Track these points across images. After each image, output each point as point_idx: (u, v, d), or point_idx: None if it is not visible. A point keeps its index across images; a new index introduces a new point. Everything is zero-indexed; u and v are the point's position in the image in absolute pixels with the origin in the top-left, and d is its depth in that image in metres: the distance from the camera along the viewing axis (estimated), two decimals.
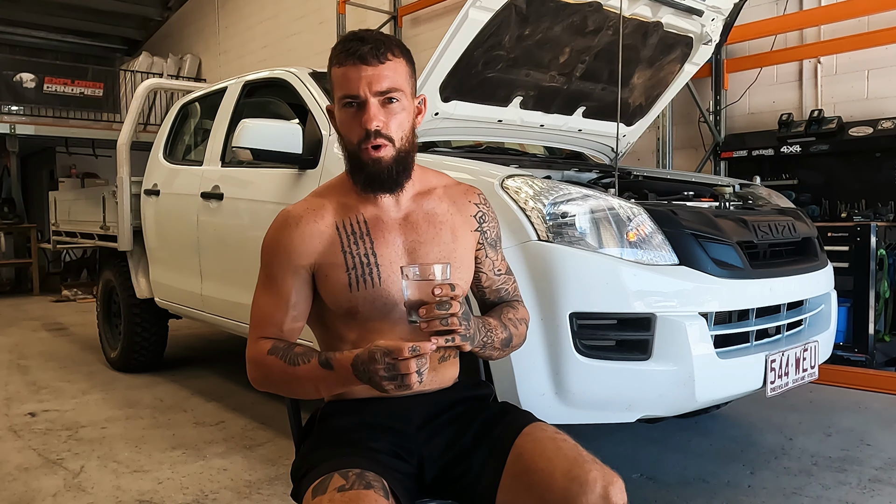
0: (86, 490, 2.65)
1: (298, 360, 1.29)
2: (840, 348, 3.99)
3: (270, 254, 1.38)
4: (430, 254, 1.38)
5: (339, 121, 1.35)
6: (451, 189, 1.48)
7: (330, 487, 1.19)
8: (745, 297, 2.24)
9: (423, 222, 1.40)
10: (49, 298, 9.11)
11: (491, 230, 1.50)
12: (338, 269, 1.34)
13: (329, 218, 1.37)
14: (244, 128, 2.74)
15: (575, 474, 1.22)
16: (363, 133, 1.30)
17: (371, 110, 1.29)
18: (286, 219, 1.38)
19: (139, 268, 4.40)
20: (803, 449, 2.94)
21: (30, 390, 4.20)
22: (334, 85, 1.33)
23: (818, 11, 4.71)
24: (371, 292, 1.33)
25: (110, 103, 11.23)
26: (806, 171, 4.75)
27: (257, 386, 1.38)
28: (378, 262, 1.34)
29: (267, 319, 1.37)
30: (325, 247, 1.35)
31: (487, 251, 1.49)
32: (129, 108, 4.67)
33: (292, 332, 1.38)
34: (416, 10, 7.44)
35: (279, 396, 1.53)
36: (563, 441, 1.30)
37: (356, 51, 1.29)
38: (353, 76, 1.29)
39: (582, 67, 3.02)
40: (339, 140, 1.38)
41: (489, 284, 1.51)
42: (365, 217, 1.37)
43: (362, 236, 1.36)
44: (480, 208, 1.49)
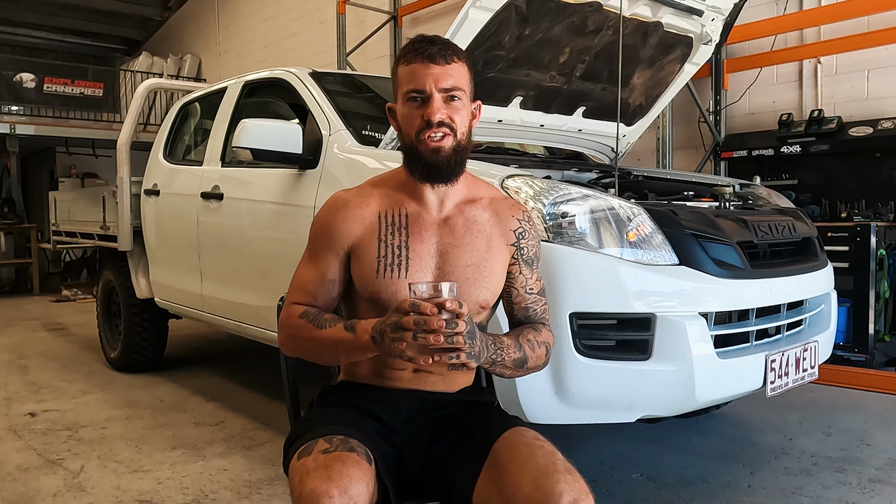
0: (86, 490, 2.65)
1: (325, 325, 1.37)
2: (840, 348, 3.99)
3: (316, 231, 1.48)
4: (460, 258, 1.42)
5: (402, 115, 1.41)
6: (497, 202, 1.51)
7: (315, 450, 1.25)
8: (745, 297, 2.24)
9: (461, 227, 1.44)
10: (49, 298, 9.11)
11: (529, 248, 1.51)
12: (370, 253, 1.41)
13: (374, 206, 1.45)
14: (244, 128, 2.74)
15: (541, 483, 1.20)
16: (424, 124, 1.36)
17: (435, 104, 1.36)
18: (336, 201, 1.48)
19: (139, 268, 4.40)
20: (803, 449, 2.94)
21: (30, 390, 4.20)
22: (400, 81, 1.40)
23: (818, 11, 4.71)
24: (395, 283, 1.39)
25: (110, 103, 11.23)
26: (806, 171, 4.75)
27: (285, 348, 1.47)
28: (409, 256, 1.40)
29: (303, 288, 1.46)
30: (363, 231, 1.43)
31: (522, 268, 1.50)
32: (129, 108, 4.67)
33: (324, 304, 1.45)
34: (416, 10, 7.44)
35: (279, 396, 1.55)
36: (538, 447, 1.28)
37: (425, 50, 1.37)
38: (421, 72, 1.37)
39: (582, 67, 3.02)
40: (399, 136, 1.44)
41: (519, 301, 1.51)
42: (407, 212, 1.44)
43: (400, 228, 1.42)
44: (522, 225, 1.51)
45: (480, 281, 1.42)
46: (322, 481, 1.17)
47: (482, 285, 1.42)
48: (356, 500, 1.17)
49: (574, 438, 2.91)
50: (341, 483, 1.17)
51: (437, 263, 1.41)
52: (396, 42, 7.76)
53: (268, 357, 4.72)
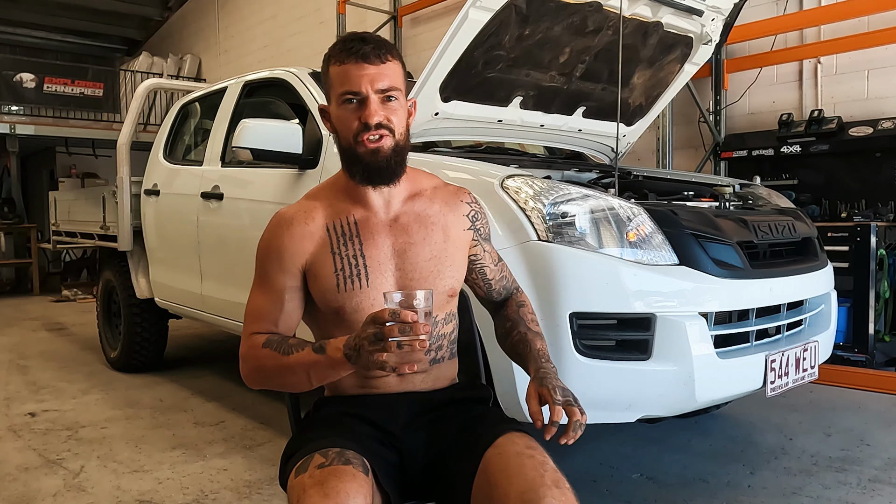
0: (86, 490, 2.65)
1: (292, 350, 1.30)
2: (840, 348, 3.99)
3: (264, 255, 1.42)
4: (419, 254, 1.40)
5: (337, 117, 1.37)
6: (441, 190, 1.50)
7: (311, 466, 1.23)
8: (745, 297, 2.24)
9: (414, 224, 1.42)
10: (49, 298, 9.11)
11: (484, 227, 1.54)
12: (326, 269, 1.37)
13: (320, 219, 1.40)
14: (244, 128, 2.75)
15: (528, 498, 1.17)
16: (362, 126, 1.33)
17: (372, 106, 1.33)
18: (279, 221, 1.42)
19: (139, 268, 4.40)
20: (803, 449, 2.94)
21: (30, 390, 4.20)
22: (333, 82, 1.36)
23: (818, 11, 4.71)
24: (358, 293, 1.36)
25: (110, 103, 11.23)
26: (806, 171, 4.75)
27: (250, 381, 1.39)
28: (367, 264, 1.37)
29: (261, 316, 1.39)
30: (315, 247, 1.38)
31: (483, 246, 1.53)
32: (129, 108, 4.67)
33: (287, 331, 1.40)
34: (416, 10, 7.44)
35: (279, 396, 1.54)
36: (528, 458, 1.26)
37: (358, 50, 1.33)
38: (355, 73, 1.33)
39: (582, 67, 3.02)
40: (335, 138, 1.41)
41: (493, 276, 1.55)
42: (355, 218, 1.40)
43: (352, 237, 1.38)
44: (472, 207, 1.52)
45: (444, 271, 1.42)
46: (319, 499, 1.16)
47: (446, 275, 1.42)
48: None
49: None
50: (337, 499, 1.16)
51: (397, 264, 1.39)
52: (396, 42, 7.76)
53: None
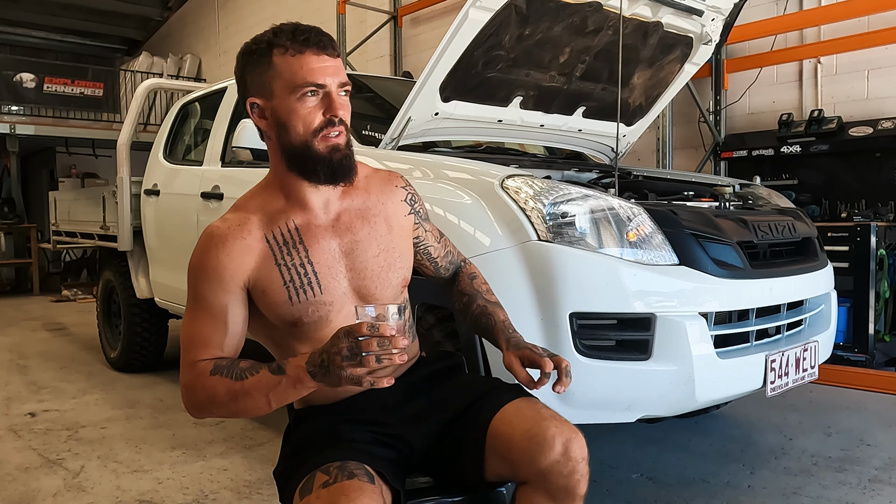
0: (86, 490, 2.65)
1: (246, 374, 1.21)
2: (840, 348, 3.99)
3: (199, 276, 1.29)
4: (367, 250, 1.35)
5: (289, 112, 1.26)
6: (373, 178, 1.44)
7: (315, 486, 1.18)
8: (745, 297, 2.24)
9: (356, 220, 1.36)
10: (49, 298, 9.11)
11: (422, 208, 1.51)
12: (274, 283, 1.28)
13: (257, 231, 1.30)
14: (244, 128, 2.74)
15: (533, 433, 1.24)
16: (325, 121, 1.26)
17: (335, 99, 1.26)
18: (210, 239, 1.30)
19: (139, 268, 4.40)
20: (803, 449, 2.94)
21: (30, 390, 4.20)
22: (283, 73, 1.26)
23: (818, 11, 4.71)
24: (313, 302, 1.29)
25: (110, 103, 11.22)
26: (806, 171, 4.75)
27: (196, 412, 1.28)
28: (316, 270, 1.30)
29: (203, 342, 1.27)
30: (257, 262, 1.28)
31: (424, 226, 1.52)
32: (129, 108, 4.67)
33: (233, 355, 1.30)
34: (416, 10, 7.43)
35: None
36: (523, 404, 1.33)
37: (317, 40, 1.26)
38: (316, 65, 1.25)
39: (582, 67, 3.02)
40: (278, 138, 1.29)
41: (437, 255, 1.56)
42: (296, 224, 1.31)
43: (295, 245, 1.30)
44: (408, 190, 1.48)
45: (394, 264, 1.38)
46: None
47: (397, 266, 1.39)
48: None
49: None
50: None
51: (347, 265, 1.33)
52: (396, 42, 7.76)
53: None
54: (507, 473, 1.30)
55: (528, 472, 1.25)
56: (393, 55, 7.75)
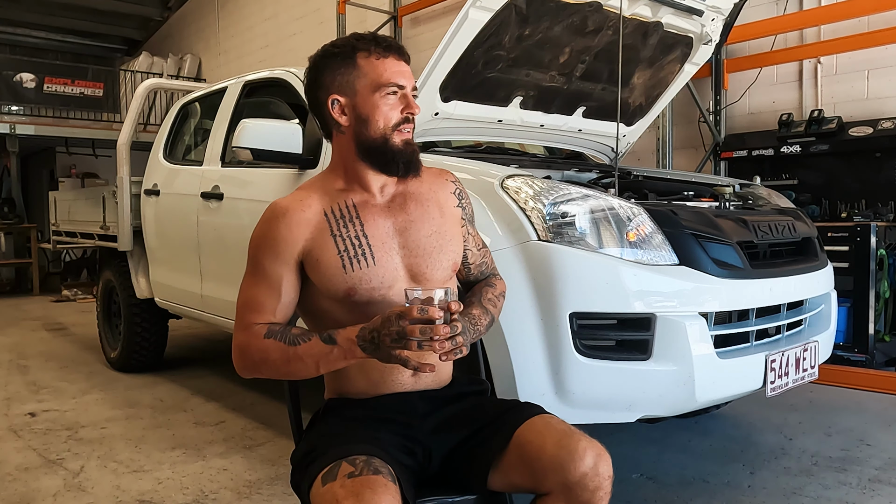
0: (86, 490, 2.65)
1: (298, 340, 1.31)
2: (840, 348, 3.99)
3: (259, 245, 1.41)
4: (421, 230, 1.43)
5: (373, 108, 1.38)
6: (426, 171, 1.51)
7: (339, 474, 1.21)
8: (745, 297, 2.24)
9: (411, 202, 1.45)
10: (49, 298, 9.11)
11: (468, 206, 1.58)
12: (329, 252, 1.37)
13: (316, 206, 1.41)
14: (244, 128, 2.74)
15: (565, 443, 1.28)
16: (402, 118, 1.39)
17: (412, 99, 1.41)
18: (273, 211, 1.41)
19: (139, 268, 4.40)
20: (803, 449, 2.94)
21: (30, 390, 4.20)
22: (368, 74, 1.39)
23: (818, 11, 4.71)
24: (366, 272, 1.37)
25: (110, 103, 11.23)
26: (806, 171, 4.75)
27: (246, 372, 1.39)
28: (370, 244, 1.38)
29: (258, 307, 1.38)
30: (313, 233, 1.38)
31: (469, 228, 1.57)
32: (129, 108, 4.67)
33: (284, 321, 1.40)
34: (416, 10, 7.44)
35: (280, 396, 1.54)
36: (552, 419, 1.38)
37: (397, 47, 1.41)
38: (397, 68, 1.39)
39: (582, 67, 3.02)
40: (357, 132, 1.40)
41: (473, 261, 1.59)
42: (354, 202, 1.42)
43: (352, 219, 1.40)
44: (457, 185, 1.57)
45: (445, 246, 1.45)
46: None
47: (448, 249, 1.46)
48: None
49: None
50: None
51: (400, 242, 1.41)
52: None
53: None
54: (527, 484, 1.32)
55: (555, 481, 1.27)
56: None
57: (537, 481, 1.30)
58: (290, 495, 2.53)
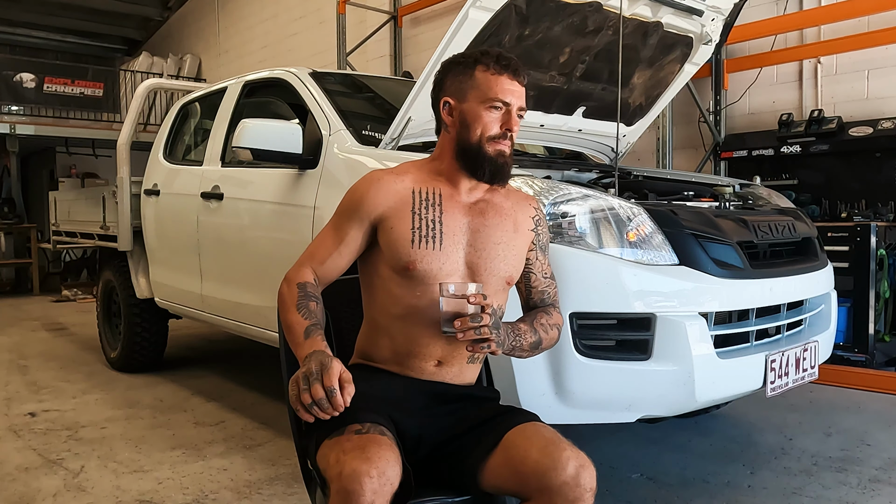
0: (86, 490, 2.65)
1: (302, 311, 1.44)
2: (840, 348, 3.99)
3: (346, 200, 1.56)
4: (491, 236, 1.54)
5: (476, 116, 1.51)
6: (513, 193, 1.65)
7: (347, 430, 1.31)
8: (745, 297, 2.24)
9: (490, 210, 1.56)
10: (49, 298, 9.11)
11: (544, 235, 1.67)
12: (403, 224, 1.49)
13: (408, 182, 1.54)
14: (244, 128, 2.74)
15: (549, 451, 1.31)
16: (500, 132, 1.50)
17: (514, 117, 1.51)
18: (371, 175, 1.57)
19: (139, 268, 4.40)
20: (803, 449, 2.94)
21: (30, 390, 4.20)
22: (481, 85, 1.50)
23: (818, 11, 4.71)
24: (431, 253, 1.48)
25: (110, 103, 11.23)
26: (806, 171, 4.75)
27: (279, 296, 1.52)
28: (443, 230, 1.50)
29: (316, 250, 1.55)
30: (396, 203, 1.51)
31: (538, 254, 1.65)
32: (129, 108, 4.67)
33: (330, 271, 1.54)
34: (416, 10, 7.44)
35: (280, 396, 1.56)
36: (543, 427, 1.42)
37: (515, 67, 1.51)
38: (508, 87, 1.50)
39: (582, 67, 3.02)
40: (455, 131, 1.53)
41: (536, 285, 1.65)
42: (441, 192, 1.54)
43: (434, 205, 1.52)
44: (538, 213, 1.66)
45: (508, 258, 1.55)
46: (361, 462, 1.22)
47: (510, 262, 1.55)
48: (392, 481, 1.23)
49: (574, 438, 2.90)
50: (379, 464, 1.22)
51: (469, 240, 1.52)
52: (396, 42, 7.77)
53: (268, 357, 4.72)
54: (512, 488, 1.36)
55: (535, 488, 1.30)
56: (393, 55, 7.76)
57: (520, 486, 1.33)
58: (290, 495, 2.53)
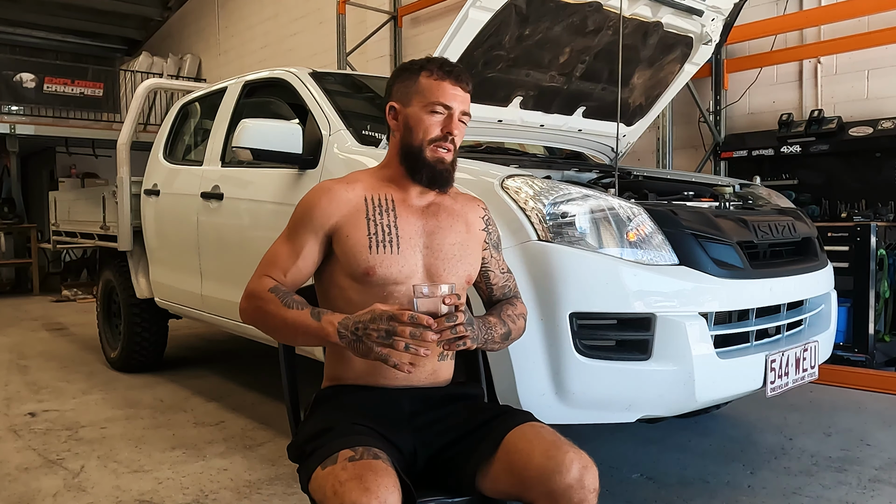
0: (86, 490, 2.65)
1: (293, 305, 1.43)
2: (840, 348, 3.99)
3: (298, 212, 1.57)
4: (446, 238, 1.55)
5: (417, 119, 1.53)
6: (460, 195, 1.68)
7: (340, 458, 1.27)
8: (745, 297, 2.24)
9: (442, 212, 1.59)
10: (49, 298, 9.11)
11: (494, 233, 1.70)
12: (359, 231, 1.50)
13: (359, 190, 1.55)
14: (244, 128, 2.74)
15: (552, 454, 1.31)
16: (440, 135, 1.52)
17: (455, 121, 1.53)
18: (321, 185, 1.58)
19: (139, 268, 4.40)
20: (803, 449, 2.94)
21: (30, 390, 4.20)
22: (423, 90, 1.53)
23: (818, 11, 4.71)
24: (389, 258, 1.48)
25: (110, 103, 11.23)
26: (806, 171, 4.75)
27: (246, 318, 1.51)
28: (399, 235, 1.51)
29: (276, 263, 1.53)
30: (349, 211, 1.52)
31: (492, 252, 1.68)
32: (129, 108, 4.67)
33: (292, 282, 1.52)
34: (416, 10, 7.44)
35: (280, 396, 1.57)
36: (542, 428, 1.42)
37: (458, 74, 1.54)
38: (449, 90, 1.52)
39: (582, 67, 3.02)
40: (400, 136, 1.56)
41: (496, 282, 1.68)
42: (393, 197, 1.56)
43: (387, 210, 1.53)
44: (486, 212, 1.70)
45: (465, 258, 1.57)
46: (360, 493, 1.19)
47: (467, 261, 1.58)
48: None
49: (574, 438, 2.90)
50: (380, 494, 1.19)
51: (426, 242, 1.54)
52: (396, 42, 7.76)
53: (268, 357, 4.72)
54: (514, 492, 1.35)
55: (540, 491, 1.30)
56: (393, 55, 7.76)
57: (523, 490, 1.33)
58: (291, 495, 2.53)
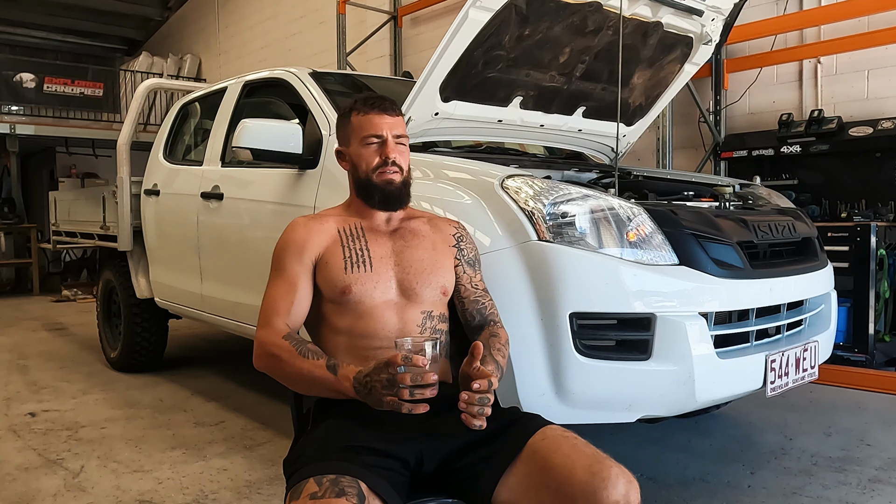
0: (86, 490, 2.65)
1: (308, 355, 1.46)
2: (840, 348, 3.99)
3: (283, 249, 1.65)
4: (414, 255, 1.66)
5: (358, 155, 1.67)
6: (434, 219, 1.80)
7: (303, 493, 1.25)
8: (745, 297, 2.24)
9: (409, 234, 1.71)
10: (49, 298, 9.11)
11: (468, 250, 1.79)
12: (336, 256, 1.61)
13: (332, 223, 1.68)
14: (244, 128, 2.74)
15: (596, 470, 1.28)
16: (381, 161, 1.65)
17: (390, 146, 1.66)
18: (296, 222, 1.70)
19: (139, 268, 4.40)
20: (803, 449, 2.94)
21: (30, 390, 4.20)
22: (355, 128, 1.68)
23: (818, 11, 4.71)
24: (364, 275, 1.59)
25: (110, 103, 11.22)
26: (806, 171, 4.75)
27: (261, 363, 1.54)
28: (371, 256, 1.63)
29: (275, 307, 1.58)
30: (327, 241, 1.64)
31: (465, 268, 1.76)
32: (129, 108, 4.67)
33: (297, 316, 1.59)
34: (416, 10, 7.44)
35: (280, 396, 1.58)
36: (575, 439, 1.38)
37: (380, 104, 1.67)
38: (377, 121, 1.66)
39: (582, 67, 3.01)
40: (352, 175, 1.70)
41: (467, 295, 1.75)
42: (362, 226, 1.68)
43: (359, 237, 1.66)
44: (459, 231, 1.80)
45: (436, 270, 1.67)
46: None
47: (439, 273, 1.67)
48: None
49: None
50: None
51: (396, 261, 1.64)
52: (396, 42, 7.76)
53: None
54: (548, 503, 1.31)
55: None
56: (393, 55, 7.76)
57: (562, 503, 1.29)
58: None
